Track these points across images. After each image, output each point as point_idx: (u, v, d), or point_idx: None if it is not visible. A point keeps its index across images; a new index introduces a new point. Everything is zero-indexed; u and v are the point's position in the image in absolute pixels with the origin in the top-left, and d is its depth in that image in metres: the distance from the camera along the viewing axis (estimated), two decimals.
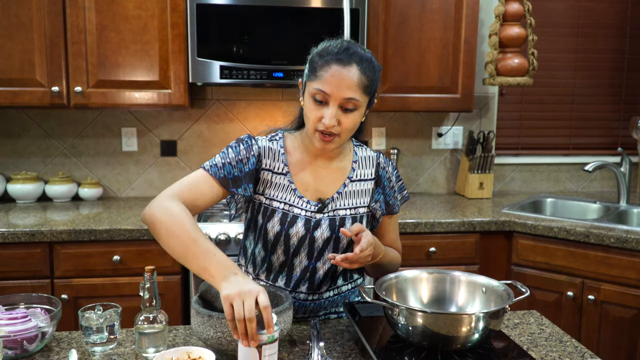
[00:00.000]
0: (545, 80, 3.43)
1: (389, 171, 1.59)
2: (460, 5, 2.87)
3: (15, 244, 2.41)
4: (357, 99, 1.39)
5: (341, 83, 1.37)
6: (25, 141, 3.02)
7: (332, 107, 1.38)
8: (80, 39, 2.61)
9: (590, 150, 3.53)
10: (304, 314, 1.58)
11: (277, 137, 1.56)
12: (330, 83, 1.37)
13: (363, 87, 1.40)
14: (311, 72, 1.42)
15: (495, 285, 1.44)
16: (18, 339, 1.34)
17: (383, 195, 1.58)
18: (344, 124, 1.40)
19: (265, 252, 1.53)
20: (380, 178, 1.58)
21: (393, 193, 1.60)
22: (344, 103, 1.39)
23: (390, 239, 1.65)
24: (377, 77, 1.44)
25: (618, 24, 3.45)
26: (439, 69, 2.91)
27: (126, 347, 1.42)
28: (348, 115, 1.40)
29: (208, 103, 3.12)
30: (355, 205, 1.54)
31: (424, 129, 3.34)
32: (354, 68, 1.38)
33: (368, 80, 1.41)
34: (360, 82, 1.39)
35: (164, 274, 2.48)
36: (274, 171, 1.51)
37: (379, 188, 1.58)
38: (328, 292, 1.57)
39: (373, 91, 1.45)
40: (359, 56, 1.40)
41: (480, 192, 3.20)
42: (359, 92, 1.39)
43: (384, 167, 1.59)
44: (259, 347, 1.17)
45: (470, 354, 1.29)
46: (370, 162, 1.58)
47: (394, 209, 1.61)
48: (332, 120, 1.38)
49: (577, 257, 2.56)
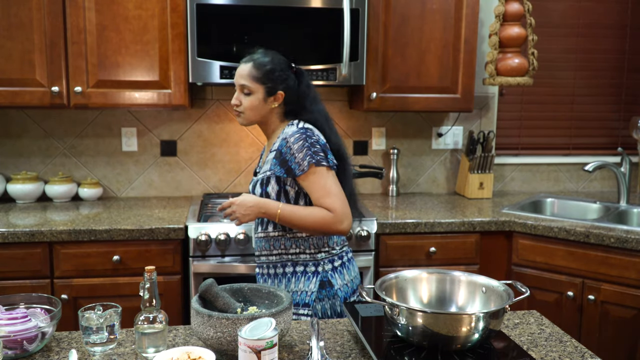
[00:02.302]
0: (545, 80, 3.43)
1: (290, 140, 1.86)
2: (460, 5, 2.87)
3: (15, 244, 2.41)
4: (246, 84, 1.90)
5: (238, 75, 1.93)
6: (25, 141, 3.02)
7: (237, 92, 1.94)
8: (80, 39, 2.61)
9: (590, 150, 3.53)
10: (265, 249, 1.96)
11: None
12: (235, 75, 1.95)
13: (252, 77, 1.90)
14: None
15: (495, 285, 1.44)
16: (18, 339, 1.34)
17: (280, 161, 1.87)
18: (244, 104, 1.92)
19: None
20: (279, 147, 1.89)
21: (294, 159, 1.84)
22: (241, 88, 1.92)
23: (314, 198, 1.87)
24: (268, 72, 1.90)
25: (618, 24, 3.45)
26: (439, 69, 2.91)
27: (126, 347, 1.42)
28: (246, 97, 1.92)
29: (208, 103, 3.12)
30: (265, 170, 1.93)
31: (424, 129, 3.34)
32: (249, 65, 1.92)
33: (258, 72, 1.89)
34: (250, 74, 1.90)
35: (164, 274, 2.48)
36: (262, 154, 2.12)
37: (275, 154, 1.90)
38: (261, 232, 1.97)
39: (266, 82, 1.89)
40: (255, 58, 1.93)
41: (480, 192, 3.20)
42: (249, 80, 1.90)
43: (285, 137, 1.88)
44: (259, 353, 1.17)
45: (470, 354, 1.29)
46: (282, 136, 1.90)
47: (295, 172, 1.85)
48: (234, 100, 1.94)
49: (577, 257, 2.56)
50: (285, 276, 1.92)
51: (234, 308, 1.44)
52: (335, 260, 1.94)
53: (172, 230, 2.48)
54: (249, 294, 1.51)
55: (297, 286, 1.90)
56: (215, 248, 2.49)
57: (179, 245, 2.52)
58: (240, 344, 1.18)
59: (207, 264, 2.48)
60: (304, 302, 1.88)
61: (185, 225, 2.51)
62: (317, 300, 1.87)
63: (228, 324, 1.28)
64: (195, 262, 2.48)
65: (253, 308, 1.47)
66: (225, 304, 1.43)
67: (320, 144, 1.87)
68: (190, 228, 2.49)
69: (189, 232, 2.48)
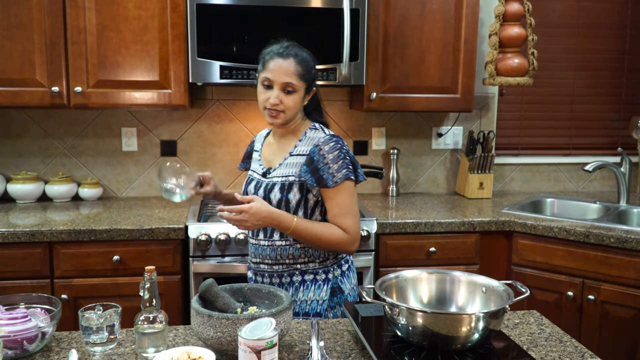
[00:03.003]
0: (545, 80, 3.43)
1: (324, 149, 1.78)
2: (460, 5, 2.87)
3: (15, 244, 2.41)
4: (294, 83, 1.77)
5: (280, 71, 1.77)
6: (25, 141, 3.02)
7: (276, 90, 1.78)
8: (80, 39, 2.61)
9: (590, 150, 3.53)
10: (269, 259, 1.84)
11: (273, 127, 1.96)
12: (274, 71, 1.77)
13: (298, 74, 1.78)
14: (261, 65, 1.82)
15: (495, 285, 1.44)
16: (18, 339, 1.34)
17: (311, 169, 1.77)
18: (286, 103, 1.78)
19: None
20: (310, 153, 1.79)
21: (328, 169, 1.76)
22: (284, 86, 1.77)
23: (332, 214, 1.80)
24: (311, 69, 1.81)
25: (618, 24, 3.45)
26: (439, 69, 2.91)
27: (126, 347, 1.42)
28: (288, 96, 1.78)
29: (208, 103, 3.12)
30: (287, 175, 1.81)
31: (424, 129, 3.34)
32: (291, 60, 1.78)
33: (303, 69, 1.79)
34: (296, 71, 1.77)
35: (164, 274, 2.48)
36: (255, 150, 2.00)
37: (306, 161, 1.79)
38: (264, 240, 1.84)
39: (309, 79, 1.81)
40: (295, 52, 1.80)
41: (480, 192, 3.20)
42: (295, 78, 1.77)
43: (318, 145, 1.79)
44: (258, 353, 1.17)
45: (470, 354, 1.29)
46: (313, 142, 1.81)
47: (327, 183, 1.76)
48: (275, 100, 1.77)
49: (577, 257, 2.56)
50: (293, 285, 1.82)
51: (234, 308, 1.44)
52: (343, 265, 1.88)
53: (172, 230, 2.48)
54: (249, 294, 1.51)
55: (306, 295, 1.81)
56: (215, 248, 2.49)
57: (179, 245, 2.52)
58: (240, 344, 1.18)
59: (207, 264, 2.48)
60: (315, 311, 1.80)
61: (186, 225, 2.51)
62: (328, 308, 1.81)
63: (228, 324, 1.28)
64: (195, 262, 2.48)
65: (253, 308, 1.47)
66: (225, 304, 1.43)
67: (350, 156, 1.82)
68: (190, 228, 2.49)
69: (189, 232, 2.48)
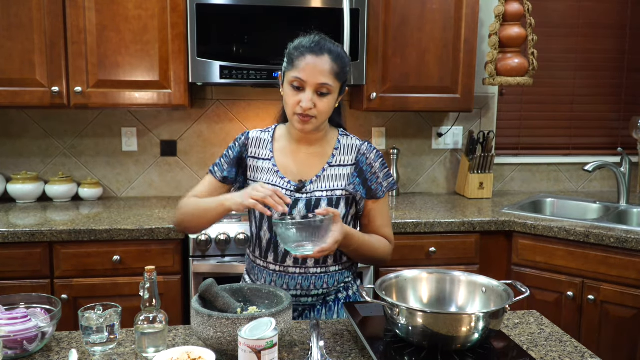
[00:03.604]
0: (545, 80, 3.43)
1: (371, 157, 1.67)
2: (460, 5, 2.87)
3: (15, 244, 2.41)
4: (330, 84, 1.55)
5: (315, 70, 1.54)
6: (25, 141, 3.02)
7: (309, 92, 1.55)
8: (80, 39, 2.61)
9: (590, 150, 3.53)
10: (296, 289, 1.65)
11: (269, 129, 1.75)
12: (306, 71, 1.54)
13: (335, 74, 1.56)
14: (289, 63, 1.59)
15: (495, 285, 1.44)
16: (18, 339, 1.34)
17: (362, 180, 1.65)
18: (320, 107, 1.56)
19: (256, 230, 1.68)
20: (358, 163, 1.66)
21: (376, 179, 1.67)
22: (318, 88, 1.55)
23: (377, 225, 1.70)
24: (346, 66, 1.61)
25: (618, 24, 3.45)
26: (439, 69, 2.91)
27: (126, 347, 1.42)
28: (322, 99, 1.56)
29: (208, 103, 3.12)
30: (332, 188, 1.64)
31: (424, 129, 3.34)
32: (326, 57, 1.55)
33: (339, 67, 1.57)
34: (332, 70, 1.55)
35: (164, 274, 2.48)
36: (259, 157, 1.70)
37: (355, 172, 1.67)
38: (315, 268, 1.64)
39: (344, 79, 1.62)
40: (329, 48, 1.57)
41: (480, 192, 3.20)
42: (331, 78, 1.55)
43: (364, 153, 1.67)
44: (258, 353, 1.17)
45: (470, 354, 1.29)
46: (353, 149, 1.69)
47: (378, 194, 1.67)
48: (309, 103, 1.54)
49: (577, 257, 2.56)
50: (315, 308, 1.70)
51: (234, 308, 1.44)
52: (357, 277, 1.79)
53: (172, 230, 2.48)
54: (249, 294, 1.51)
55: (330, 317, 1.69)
56: (215, 248, 2.49)
57: (179, 245, 2.52)
58: (240, 344, 1.18)
59: (207, 264, 2.48)
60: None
61: None
62: None
63: (228, 324, 1.28)
64: (195, 262, 2.48)
65: (253, 308, 1.47)
66: (225, 304, 1.43)
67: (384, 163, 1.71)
68: None
69: None
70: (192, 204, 1.67)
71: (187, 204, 1.68)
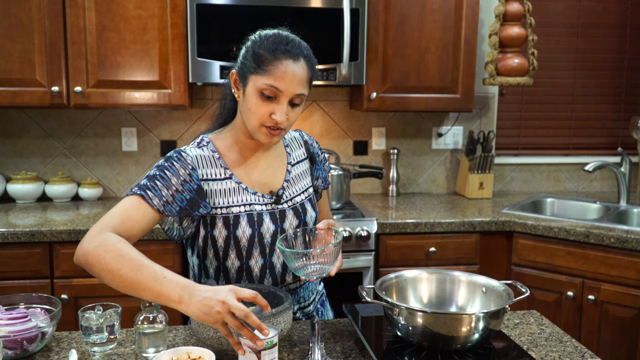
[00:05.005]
0: (545, 80, 3.43)
1: (316, 146, 1.63)
2: (460, 5, 2.87)
3: (15, 244, 2.41)
4: (305, 94, 1.38)
5: (294, 79, 1.33)
6: (25, 141, 3.02)
7: (284, 103, 1.35)
8: (80, 39, 2.61)
9: (590, 150, 3.53)
10: (299, 303, 1.60)
11: (204, 143, 1.46)
12: (285, 80, 1.33)
13: (309, 81, 1.40)
14: (257, 65, 1.34)
15: (495, 285, 1.44)
16: (18, 339, 1.33)
17: (318, 169, 1.63)
18: (291, 119, 1.39)
19: (241, 261, 1.46)
20: (313, 155, 1.61)
21: (324, 167, 1.66)
22: (294, 98, 1.36)
23: (325, 211, 1.72)
24: (316, 69, 1.43)
25: (618, 24, 3.45)
26: (439, 69, 2.91)
27: (126, 347, 1.42)
28: (294, 109, 1.39)
29: (208, 103, 3.12)
30: (305, 187, 1.56)
31: (424, 129, 3.34)
32: (302, 63, 1.36)
33: (312, 73, 1.40)
34: (307, 77, 1.38)
35: None
36: (214, 179, 1.43)
37: (315, 165, 1.62)
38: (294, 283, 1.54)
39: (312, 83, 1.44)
40: (303, 51, 1.37)
41: (480, 192, 3.20)
42: (307, 86, 1.39)
43: (311, 143, 1.62)
44: (258, 353, 1.17)
45: (470, 354, 1.29)
46: (298, 142, 1.61)
47: (327, 180, 1.68)
48: (284, 117, 1.35)
49: (577, 257, 2.56)
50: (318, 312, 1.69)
51: None
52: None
53: None
54: None
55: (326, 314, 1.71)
56: None
57: (179, 245, 2.51)
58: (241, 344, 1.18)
59: None
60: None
61: None
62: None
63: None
64: None
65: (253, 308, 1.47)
66: None
67: None
68: None
69: None
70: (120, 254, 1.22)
71: (114, 248, 1.23)
